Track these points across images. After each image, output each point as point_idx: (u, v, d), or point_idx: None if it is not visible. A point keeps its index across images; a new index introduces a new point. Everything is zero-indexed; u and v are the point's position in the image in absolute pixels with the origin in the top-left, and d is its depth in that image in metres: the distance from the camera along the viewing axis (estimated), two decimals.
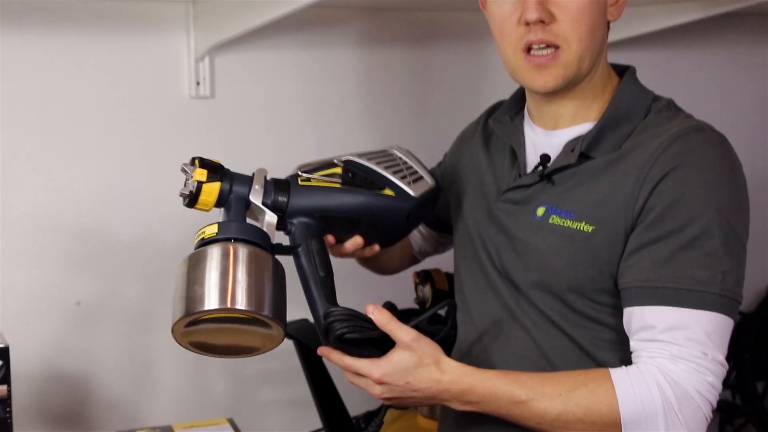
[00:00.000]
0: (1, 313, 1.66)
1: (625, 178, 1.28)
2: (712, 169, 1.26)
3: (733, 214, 1.25)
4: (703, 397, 1.22)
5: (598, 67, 1.36)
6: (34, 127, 1.75)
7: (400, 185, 1.35)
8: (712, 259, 1.23)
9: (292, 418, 1.98)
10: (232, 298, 1.17)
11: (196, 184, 1.28)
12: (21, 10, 1.70)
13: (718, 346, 1.23)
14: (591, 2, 1.31)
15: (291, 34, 1.92)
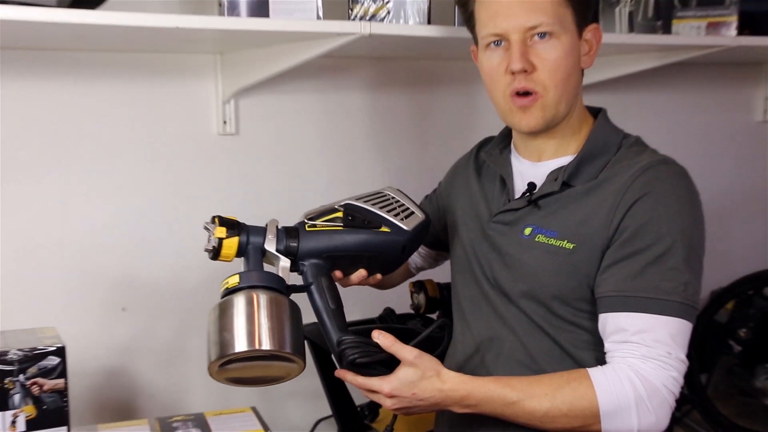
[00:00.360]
0: (60, 317, 1.66)
1: (602, 203, 1.29)
2: (676, 197, 1.28)
3: (693, 235, 1.28)
4: (668, 389, 1.24)
5: (575, 108, 1.39)
6: (88, 165, 1.76)
7: (394, 222, 1.35)
8: (675, 273, 1.25)
9: (305, 406, 1.98)
10: (259, 341, 1.20)
11: (218, 240, 1.30)
12: (71, 63, 1.72)
13: (680, 347, 1.26)
14: (566, 55, 1.33)
15: (305, 80, 1.93)
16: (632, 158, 1.34)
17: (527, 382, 1.28)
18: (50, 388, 1.39)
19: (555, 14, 1.32)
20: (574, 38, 1.35)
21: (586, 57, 1.39)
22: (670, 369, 1.24)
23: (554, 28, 1.32)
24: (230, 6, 1.57)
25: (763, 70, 2.53)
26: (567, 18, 1.34)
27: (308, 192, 1.99)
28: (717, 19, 1.92)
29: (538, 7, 1.32)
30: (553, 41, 1.33)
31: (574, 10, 1.34)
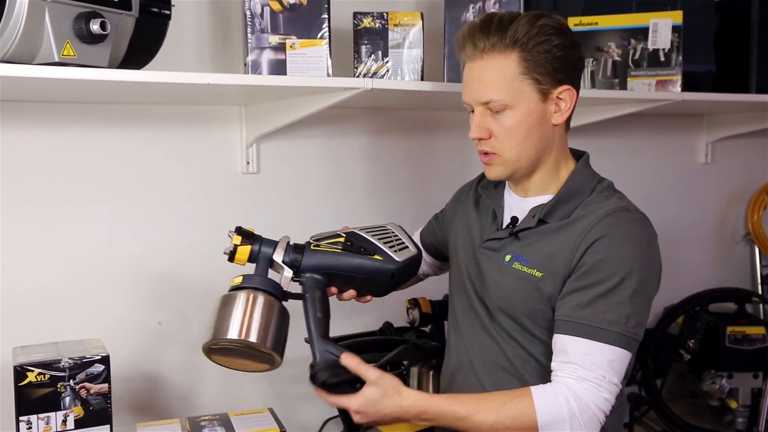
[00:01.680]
0: (105, 330, 1.66)
1: (569, 239, 1.29)
2: (630, 241, 1.27)
3: (642, 275, 1.26)
4: (598, 408, 1.24)
5: (548, 155, 1.36)
6: (132, 199, 1.76)
7: (387, 252, 1.37)
8: (619, 307, 1.24)
9: (314, 407, 1.96)
10: (246, 333, 1.24)
11: (234, 246, 1.36)
12: (120, 114, 1.73)
13: (615, 372, 1.25)
14: (522, 121, 1.30)
15: (316, 128, 1.94)
16: (600, 202, 1.33)
17: (476, 399, 1.28)
18: (96, 391, 1.38)
19: (510, 89, 1.29)
20: (535, 104, 1.30)
21: (557, 115, 1.33)
22: (602, 391, 1.24)
23: (508, 102, 1.30)
24: (253, 65, 1.59)
25: (704, 121, 2.55)
26: (525, 89, 1.29)
27: (317, 223, 1.96)
28: (664, 77, 1.94)
29: (493, 84, 1.30)
30: (507, 112, 1.30)
31: (534, 80, 1.29)
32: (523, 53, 1.28)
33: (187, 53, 1.78)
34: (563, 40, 1.30)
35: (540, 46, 1.28)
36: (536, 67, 1.28)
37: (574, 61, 1.32)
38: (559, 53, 1.29)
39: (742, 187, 2.64)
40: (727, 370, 2.16)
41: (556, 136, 1.36)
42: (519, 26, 1.28)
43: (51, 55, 1.28)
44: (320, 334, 1.32)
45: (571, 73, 1.32)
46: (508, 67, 1.29)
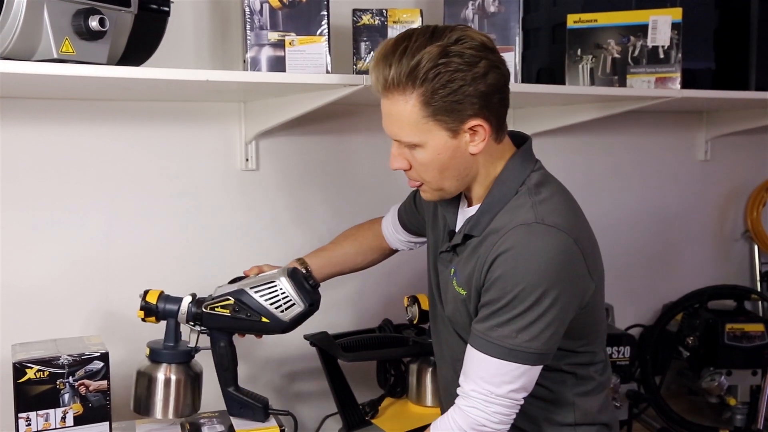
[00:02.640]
0: (104, 327, 1.66)
1: (482, 257, 1.28)
2: (530, 256, 1.23)
3: (542, 290, 1.22)
4: (491, 421, 1.25)
5: (477, 174, 1.33)
6: (132, 196, 1.76)
7: (273, 313, 1.47)
8: (510, 322, 1.22)
9: (315, 404, 1.97)
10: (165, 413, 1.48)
11: (142, 318, 1.50)
12: (118, 111, 1.73)
13: (505, 386, 1.24)
14: (435, 156, 1.28)
15: (315, 124, 1.94)
16: (513, 212, 1.28)
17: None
18: (95, 388, 1.39)
19: (415, 131, 1.25)
20: (444, 142, 1.26)
21: (473, 145, 1.27)
22: (490, 406, 1.25)
23: (417, 140, 1.26)
24: (253, 62, 1.58)
25: (703, 118, 2.55)
26: (431, 129, 1.25)
27: (315, 218, 1.99)
28: (664, 74, 1.93)
29: (400, 125, 1.27)
30: (418, 149, 1.27)
31: (438, 120, 1.24)
32: (424, 97, 1.22)
33: (186, 50, 1.78)
34: (473, 72, 1.21)
35: (442, 90, 1.21)
36: (438, 111, 1.23)
37: (487, 92, 1.23)
38: (466, 90, 1.21)
39: (742, 184, 2.64)
40: (726, 367, 2.17)
41: (481, 157, 1.31)
42: (420, 65, 1.20)
43: (50, 51, 1.27)
44: (224, 383, 1.52)
45: (480, 105, 1.24)
46: (410, 111, 1.24)
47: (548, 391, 1.37)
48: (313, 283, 1.51)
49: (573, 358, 1.36)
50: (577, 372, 1.37)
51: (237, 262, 1.67)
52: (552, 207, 1.28)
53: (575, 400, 1.37)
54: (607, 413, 1.43)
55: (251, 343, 1.84)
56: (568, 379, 1.37)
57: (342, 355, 1.64)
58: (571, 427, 1.38)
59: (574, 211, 1.33)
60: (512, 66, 1.78)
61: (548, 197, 1.30)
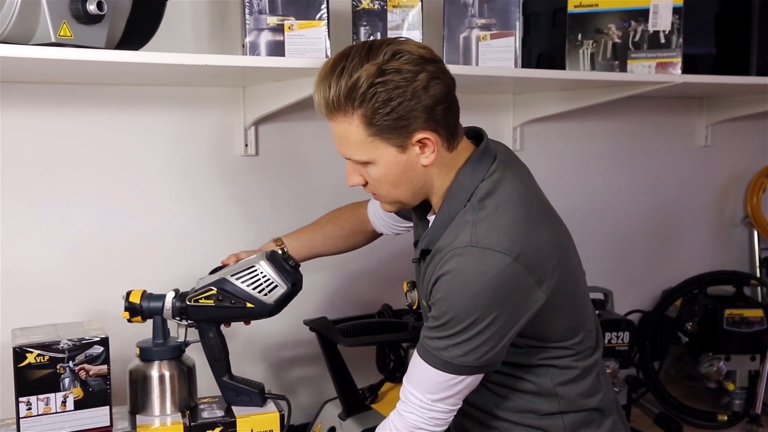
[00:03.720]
0: (104, 312, 1.67)
1: (428, 276, 1.31)
2: (461, 284, 1.24)
3: (474, 316, 1.23)
4: (428, 425, 1.30)
5: (433, 184, 1.32)
6: (130, 182, 1.76)
7: (258, 298, 1.47)
8: (446, 338, 1.25)
9: (314, 389, 1.98)
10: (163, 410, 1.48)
11: (128, 319, 1.50)
12: (116, 96, 1.72)
13: (442, 392, 1.28)
14: (387, 171, 1.28)
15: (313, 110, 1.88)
16: (455, 231, 1.27)
17: None
18: (95, 373, 1.39)
19: (364, 149, 1.26)
20: (393, 157, 1.26)
21: (424, 157, 1.27)
22: (426, 411, 1.29)
23: (365, 158, 1.27)
24: (252, 47, 1.58)
25: (703, 103, 2.54)
26: (378, 146, 1.25)
27: (315, 203, 1.98)
28: (665, 59, 1.93)
29: (348, 145, 1.27)
30: (370, 166, 1.28)
31: (384, 138, 1.23)
32: (365, 117, 1.22)
33: (185, 34, 1.77)
34: (412, 86, 1.20)
35: (383, 108, 1.20)
36: (382, 130, 1.22)
37: (430, 104, 1.22)
38: (407, 106, 1.20)
39: (742, 170, 2.64)
40: (724, 353, 2.17)
41: (435, 168, 1.30)
42: (358, 85, 1.20)
43: (48, 35, 1.27)
44: (218, 374, 1.53)
45: (425, 118, 1.22)
46: (354, 132, 1.24)
47: (530, 383, 1.38)
48: (293, 263, 1.52)
49: (547, 353, 1.36)
50: (555, 364, 1.37)
51: (236, 248, 1.66)
52: (491, 225, 1.25)
53: (557, 390, 1.37)
54: (597, 397, 1.41)
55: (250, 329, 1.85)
56: (547, 371, 1.37)
57: (341, 340, 1.64)
58: (558, 415, 1.38)
59: (519, 221, 1.27)
60: (512, 51, 1.78)
61: (491, 212, 1.27)
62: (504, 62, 1.78)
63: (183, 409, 1.50)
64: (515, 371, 1.37)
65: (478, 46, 1.77)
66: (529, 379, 1.38)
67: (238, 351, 1.82)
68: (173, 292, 1.51)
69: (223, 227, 1.87)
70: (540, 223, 1.31)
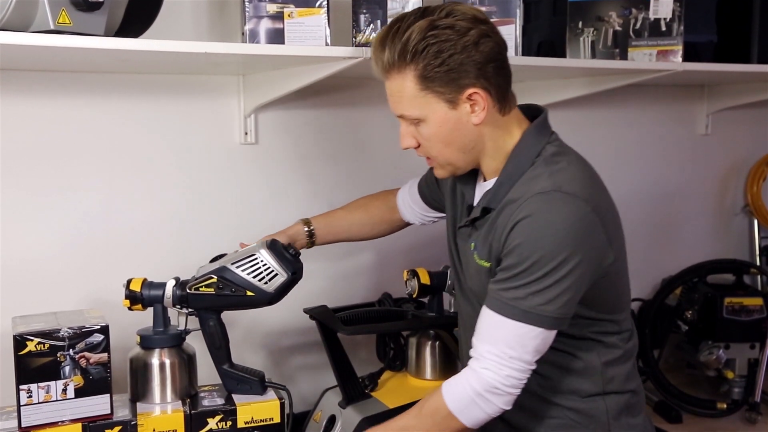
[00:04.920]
0: (105, 302, 1.67)
1: (501, 227, 1.29)
2: (547, 224, 1.24)
3: (561, 258, 1.23)
4: (503, 384, 1.26)
5: (486, 147, 1.34)
6: (129, 171, 1.76)
7: (258, 286, 1.48)
8: (526, 286, 1.24)
9: (314, 377, 1.98)
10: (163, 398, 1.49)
11: (128, 307, 1.51)
12: (115, 84, 1.72)
13: (521, 347, 1.25)
14: (438, 129, 1.30)
15: (315, 97, 1.94)
16: (531, 182, 1.29)
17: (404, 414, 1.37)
18: (95, 361, 1.39)
19: (415, 105, 1.29)
20: (444, 113, 1.29)
21: (474, 116, 1.29)
22: (502, 368, 1.26)
23: (417, 116, 1.30)
24: (251, 34, 1.57)
25: (704, 91, 2.53)
26: (430, 102, 1.28)
27: (316, 192, 1.99)
28: (665, 47, 1.92)
29: (401, 101, 1.31)
30: (422, 124, 1.31)
31: (436, 92, 1.27)
32: (417, 70, 1.26)
33: (184, 22, 1.76)
34: (463, 41, 1.24)
35: (434, 61, 1.24)
36: (433, 82, 1.26)
37: (481, 60, 1.25)
38: (457, 59, 1.24)
39: (742, 158, 2.64)
40: (724, 341, 2.17)
41: (486, 129, 1.32)
42: (410, 39, 1.24)
43: (46, 22, 1.26)
44: (218, 362, 1.53)
45: (476, 74, 1.26)
46: (406, 86, 1.28)
47: (576, 359, 1.38)
48: (294, 251, 1.53)
49: (598, 326, 1.37)
50: (603, 340, 1.38)
51: (236, 237, 1.67)
52: (569, 175, 1.29)
53: (603, 369, 1.38)
54: (635, 381, 1.44)
55: (250, 317, 1.85)
56: (595, 346, 1.38)
57: (342, 329, 1.64)
58: (600, 396, 1.38)
59: (592, 180, 1.34)
60: (513, 39, 1.77)
61: (565, 166, 1.31)
62: None
63: (183, 397, 1.50)
64: (565, 346, 1.36)
65: None
66: (577, 355, 1.37)
67: (238, 339, 1.82)
68: (174, 280, 1.51)
69: (223, 215, 1.87)
70: (604, 187, 1.36)
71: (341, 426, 1.62)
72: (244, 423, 1.48)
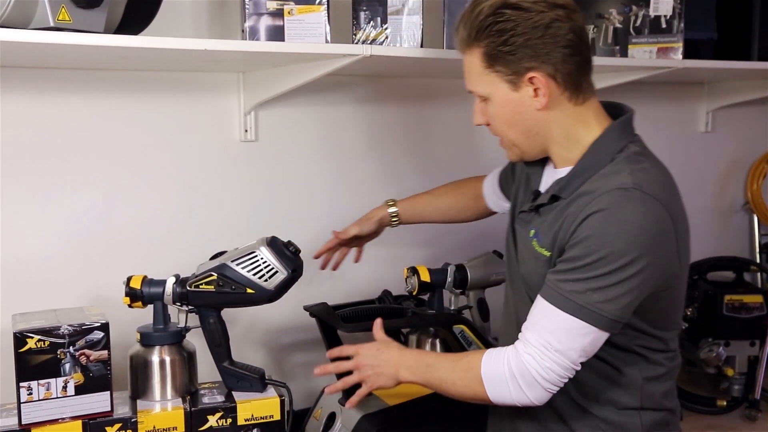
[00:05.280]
0: (105, 299, 1.67)
1: (571, 218, 1.26)
2: (619, 221, 1.21)
3: (626, 257, 1.20)
4: (540, 375, 1.24)
5: (553, 136, 1.33)
6: (129, 168, 1.76)
7: (258, 283, 1.48)
8: (588, 281, 1.21)
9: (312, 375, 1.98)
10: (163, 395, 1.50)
11: (128, 304, 1.51)
12: (115, 81, 1.72)
13: (567, 342, 1.23)
14: (501, 109, 1.32)
15: (315, 95, 1.93)
16: (610, 176, 1.27)
17: (443, 355, 1.40)
18: (96, 358, 1.39)
19: (481, 83, 1.31)
20: (506, 94, 1.30)
21: (536, 100, 1.29)
22: (545, 359, 1.23)
23: (484, 92, 1.32)
24: (251, 31, 1.57)
25: (704, 89, 2.54)
26: (493, 80, 1.29)
27: (315, 190, 1.99)
28: (666, 44, 1.92)
29: (470, 77, 1.33)
30: (489, 102, 1.33)
31: (497, 71, 1.28)
32: (482, 47, 1.28)
33: (185, 19, 1.76)
34: (532, 22, 1.24)
35: (497, 38, 1.25)
36: (495, 61, 1.27)
37: (548, 44, 1.25)
38: (519, 41, 1.24)
39: (742, 155, 2.64)
40: (724, 338, 2.17)
41: (553, 116, 1.31)
42: (480, 18, 1.26)
43: (46, 19, 1.26)
44: (218, 359, 1.53)
45: (540, 58, 1.25)
46: (474, 64, 1.30)
47: (617, 371, 1.34)
48: (294, 249, 1.53)
49: (645, 340, 1.33)
50: (648, 356, 1.34)
51: (236, 234, 1.67)
52: (652, 177, 1.27)
53: (643, 384, 1.34)
54: (673, 400, 1.41)
55: (250, 315, 1.86)
56: (638, 361, 1.34)
57: (342, 326, 1.64)
58: (636, 411, 1.35)
59: (672, 187, 1.32)
60: None
61: (648, 167, 1.29)
62: None
63: (183, 395, 1.50)
64: (607, 356, 1.32)
65: None
66: (619, 367, 1.34)
67: (238, 336, 1.82)
68: (174, 277, 1.51)
69: (223, 212, 1.87)
70: (680, 199, 1.34)
71: (341, 423, 1.62)
72: (244, 420, 1.48)
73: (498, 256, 1.84)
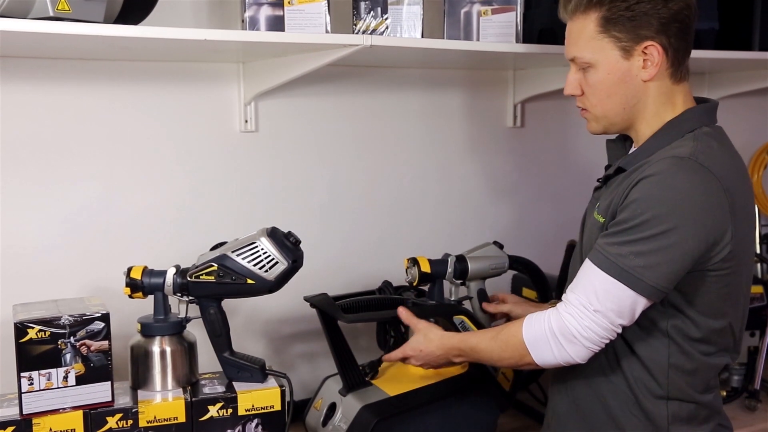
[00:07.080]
0: (105, 290, 1.67)
1: (626, 184, 1.28)
2: (668, 187, 1.23)
3: (671, 222, 1.21)
4: (579, 333, 1.26)
5: (644, 110, 1.35)
6: (129, 159, 1.76)
7: (258, 274, 1.49)
8: (632, 244, 1.23)
9: (314, 365, 1.99)
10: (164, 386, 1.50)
11: (129, 294, 1.51)
12: (115, 71, 1.72)
13: (606, 303, 1.24)
14: (605, 78, 1.33)
15: (315, 85, 1.93)
16: (672, 148, 1.29)
17: (483, 330, 1.49)
18: (96, 348, 1.40)
19: (590, 48, 1.33)
20: (616, 62, 1.32)
21: (645, 71, 1.32)
22: (584, 318, 1.25)
23: (589, 59, 1.33)
24: (251, 21, 1.57)
25: (705, 79, 2.53)
26: (605, 47, 1.31)
27: (315, 180, 1.99)
28: None
29: (576, 42, 1.35)
30: (591, 70, 1.34)
31: (614, 38, 1.30)
32: (601, 12, 1.30)
33: (184, 9, 1.76)
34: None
35: (621, 3, 1.29)
36: (614, 26, 1.30)
37: (667, 16, 1.28)
38: (644, 8, 1.28)
39: (743, 146, 2.60)
40: None
41: (651, 90, 1.34)
42: None
43: (45, 9, 1.26)
44: (218, 350, 1.54)
45: (658, 28, 1.29)
46: (587, 27, 1.32)
47: (644, 347, 1.34)
48: (294, 239, 1.53)
49: (681, 322, 1.31)
50: (680, 343, 1.32)
51: (235, 225, 1.67)
52: (714, 153, 1.27)
53: (669, 372, 1.33)
54: (707, 394, 1.39)
55: (251, 305, 1.86)
56: (669, 345, 1.33)
57: (342, 317, 1.64)
58: (663, 400, 1.34)
59: (737, 169, 1.32)
60: (513, 26, 1.77)
61: (713, 147, 1.29)
62: (505, 37, 1.77)
63: (184, 385, 1.51)
64: (638, 332, 1.32)
65: (479, 21, 1.76)
66: (646, 343, 1.33)
67: (238, 327, 1.82)
68: (174, 268, 1.51)
69: (223, 203, 1.87)
70: (746, 182, 1.34)
71: (342, 414, 1.62)
72: (245, 410, 1.48)
73: (498, 246, 1.84)
